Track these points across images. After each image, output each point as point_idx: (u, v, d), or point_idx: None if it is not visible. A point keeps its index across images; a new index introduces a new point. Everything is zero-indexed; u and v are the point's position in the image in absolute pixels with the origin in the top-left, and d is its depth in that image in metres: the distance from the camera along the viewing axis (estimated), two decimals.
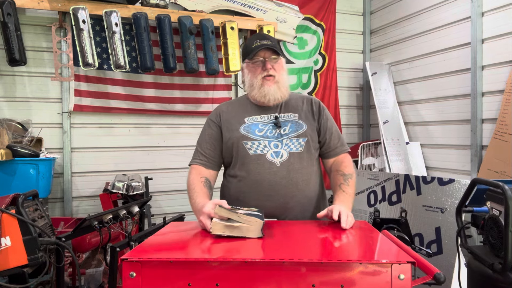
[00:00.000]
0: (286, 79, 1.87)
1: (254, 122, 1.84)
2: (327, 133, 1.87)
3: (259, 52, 1.79)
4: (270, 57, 1.80)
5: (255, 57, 1.81)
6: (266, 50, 1.79)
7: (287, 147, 1.78)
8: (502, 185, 1.30)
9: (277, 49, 1.80)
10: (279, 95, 1.82)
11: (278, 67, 1.82)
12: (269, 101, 1.82)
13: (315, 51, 4.23)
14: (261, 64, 1.81)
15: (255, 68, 1.82)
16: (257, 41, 1.81)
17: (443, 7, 3.44)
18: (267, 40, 1.81)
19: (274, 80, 1.80)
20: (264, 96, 1.80)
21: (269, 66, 1.79)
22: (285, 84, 1.85)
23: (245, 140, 1.79)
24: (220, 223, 1.35)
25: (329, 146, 1.88)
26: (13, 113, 3.21)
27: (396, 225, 1.62)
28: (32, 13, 3.24)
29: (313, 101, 1.93)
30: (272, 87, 1.80)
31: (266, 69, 1.79)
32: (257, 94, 1.82)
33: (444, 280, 1.04)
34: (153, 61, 3.34)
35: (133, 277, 1.09)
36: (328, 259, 1.08)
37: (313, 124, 1.85)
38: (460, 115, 3.29)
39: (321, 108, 1.90)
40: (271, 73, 1.80)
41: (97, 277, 2.57)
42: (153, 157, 3.65)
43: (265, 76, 1.80)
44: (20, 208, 1.69)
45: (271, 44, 1.79)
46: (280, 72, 1.83)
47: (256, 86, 1.81)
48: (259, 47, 1.78)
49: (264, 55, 1.80)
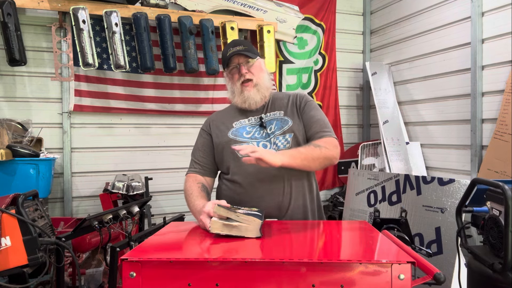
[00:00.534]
0: (265, 79, 1.88)
1: (242, 125, 1.87)
2: (310, 120, 1.82)
3: (233, 59, 1.83)
4: (244, 61, 1.82)
5: (230, 65, 1.85)
6: (239, 56, 1.82)
7: (275, 145, 1.79)
8: (502, 185, 1.30)
9: (249, 53, 1.82)
10: (259, 97, 1.84)
11: (255, 70, 1.84)
12: (250, 106, 1.85)
13: (315, 51, 4.23)
14: (237, 70, 1.83)
15: (233, 75, 1.86)
16: (230, 49, 1.84)
17: (443, 7, 3.44)
18: (239, 45, 1.84)
19: (253, 84, 1.83)
20: (245, 102, 1.83)
21: (244, 71, 1.82)
22: (264, 85, 1.86)
23: (234, 143, 1.79)
24: (219, 222, 1.35)
25: (312, 131, 1.80)
26: (13, 113, 3.21)
27: (396, 225, 1.62)
28: (32, 13, 3.24)
29: (298, 95, 1.92)
30: (252, 91, 1.82)
31: (242, 75, 1.81)
32: (238, 100, 1.85)
33: (444, 280, 1.04)
34: (153, 61, 3.34)
35: (133, 277, 1.09)
36: (328, 259, 1.08)
37: (298, 118, 1.85)
38: (460, 115, 3.29)
39: (303, 101, 1.89)
40: (248, 77, 1.82)
41: (97, 277, 2.57)
42: (153, 157, 3.65)
43: (243, 82, 1.82)
44: (20, 208, 1.69)
45: (243, 49, 1.81)
46: (258, 74, 1.85)
47: (236, 93, 1.85)
48: (232, 54, 1.81)
49: (238, 61, 1.82)
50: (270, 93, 1.92)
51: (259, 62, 1.88)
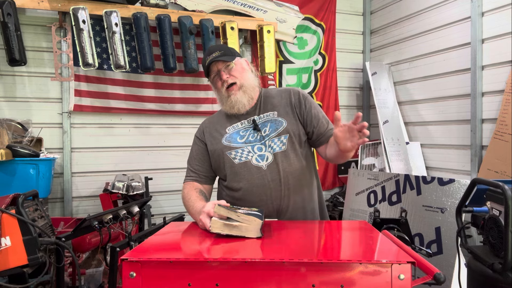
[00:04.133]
0: (250, 78, 1.84)
1: (235, 130, 1.83)
2: (313, 121, 1.80)
3: (211, 67, 1.80)
4: (223, 67, 1.79)
5: (210, 73, 1.82)
6: (217, 62, 1.78)
7: (270, 148, 1.75)
8: (502, 185, 1.30)
9: (226, 57, 1.78)
10: (246, 99, 1.80)
11: (236, 72, 1.80)
12: (239, 110, 1.81)
13: (315, 51, 4.23)
14: (218, 77, 1.80)
15: (216, 83, 1.83)
16: (207, 58, 1.81)
17: (443, 7, 3.44)
18: (215, 52, 1.80)
19: (237, 86, 1.79)
20: (233, 107, 1.80)
21: (226, 77, 1.78)
22: (250, 84, 1.82)
23: (228, 150, 1.78)
24: (219, 221, 1.36)
25: (319, 132, 1.80)
26: (13, 113, 3.21)
27: (396, 225, 1.62)
28: (32, 13, 3.24)
29: (292, 92, 1.86)
30: (238, 94, 1.79)
31: (225, 80, 1.78)
32: (227, 107, 1.82)
33: (444, 280, 1.04)
34: (153, 61, 3.34)
35: (133, 277, 1.09)
36: (328, 259, 1.08)
37: (293, 118, 1.80)
38: (460, 115, 3.29)
39: (301, 97, 1.84)
40: (231, 81, 1.79)
41: (97, 277, 2.57)
42: (153, 157, 3.65)
43: (227, 88, 1.79)
44: (20, 208, 1.69)
45: (219, 54, 1.78)
46: (240, 75, 1.81)
47: (224, 100, 1.82)
48: (209, 63, 1.79)
49: (217, 68, 1.79)
50: (260, 91, 1.88)
51: (239, 62, 1.84)
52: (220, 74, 1.79)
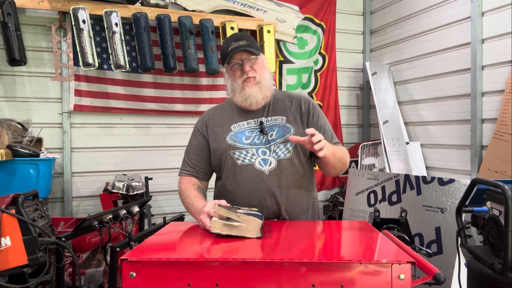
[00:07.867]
0: (268, 78, 1.78)
1: (240, 129, 1.77)
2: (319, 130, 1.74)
3: (235, 55, 1.70)
4: (247, 58, 1.71)
5: (231, 60, 1.73)
6: (242, 52, 1.70)
7: (275, 153, 1.71)
8: (502, 185, 1.30)
9: (253, 49, 1.71)
10: (261, 96, 1.74)
11: (258, 67, 1.74)
12: (250, 105, 1.75)
13: (315, 51, 4.23)
14: (239, 67, 1.72)
15: (234, 72, 1.74)
16: (232, 43, 1.71)
17: (443, 7, 3.44)
18: (242, 40, 1.72)
19: (255, 81, 1.72)
20: (246, 100, 1.73)
21: (248, 68, 1.71)
22: (267, 83, 1.76)
23: (233, 150, 1.73)
24: (219, 221, 1.35)
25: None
26: (13, 113, 3.21)
27: (396, 225, 1.62)
28: (32, 13, 3.24)
29: (303, 100, 1.82)
30: (254, 89, 1.72)
31: (245, 72, 1.71)
32: (239, 99, 1.74)
33: (444, 280, 1.04)
34: (153, 61, 3.34)
35: (133, 277, 1.09)
36: (328, 259, 1.08)
37: (301, 126, 1.76)
38: (460, 115, 3.29)
39: (310, 107, 1.80)
40: (251, 74, 1.71)
41: (97, 277, 2.57)
42: (153, 157, 3.64)
43: (245, 79, 1.72)
44: (20, 208, 1.69)
45: (246, 44, 1.70)
46: (261, 71, 1.74)
47: (237, 90, 1.74)
48: (234, 50, 1.69)
49: (241, 57, 1.71)
50: (271, 93, 1.82)
51: (262, 59, 1.77)
52: (243, 64, 1.71)
